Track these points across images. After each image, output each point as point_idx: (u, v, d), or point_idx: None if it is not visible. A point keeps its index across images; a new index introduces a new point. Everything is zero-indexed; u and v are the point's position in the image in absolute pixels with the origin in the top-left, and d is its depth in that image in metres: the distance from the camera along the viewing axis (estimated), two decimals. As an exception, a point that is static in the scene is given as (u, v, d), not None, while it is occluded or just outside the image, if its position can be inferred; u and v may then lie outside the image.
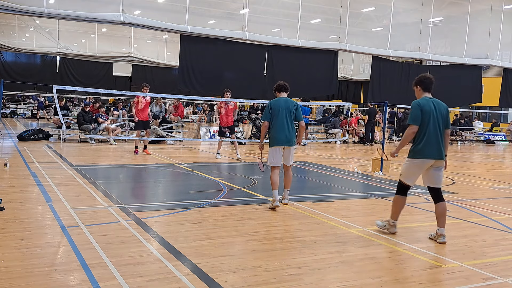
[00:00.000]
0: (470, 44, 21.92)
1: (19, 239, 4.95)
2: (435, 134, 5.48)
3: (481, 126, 27.21)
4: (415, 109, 5.51)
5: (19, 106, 33.96)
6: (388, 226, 5.81)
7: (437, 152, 5.49)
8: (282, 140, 6.94)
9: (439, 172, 5.58)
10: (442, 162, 5.56)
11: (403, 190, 5.71)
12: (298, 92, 20.22)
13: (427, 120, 5.46)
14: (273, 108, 7.01)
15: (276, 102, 7.06)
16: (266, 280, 4.10)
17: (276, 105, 7.01)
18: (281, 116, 6.94)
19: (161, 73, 33.80)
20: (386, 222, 5.84)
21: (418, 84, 5.71)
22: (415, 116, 5.49)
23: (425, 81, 5.66)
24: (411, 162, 5.59)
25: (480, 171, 13.39)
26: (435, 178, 5.58)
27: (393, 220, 5.78)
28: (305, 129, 7.48)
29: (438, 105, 5.58)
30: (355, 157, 15.11)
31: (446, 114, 5.64)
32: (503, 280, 4.35)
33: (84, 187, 7.99)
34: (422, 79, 5.69)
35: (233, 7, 19.62)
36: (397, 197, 5.75)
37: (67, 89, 20.22)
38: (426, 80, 5.66)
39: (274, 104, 7.03)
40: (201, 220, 6.07)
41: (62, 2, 15.17)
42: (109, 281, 3.92)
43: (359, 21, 21.59)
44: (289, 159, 7.11)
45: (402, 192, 5.72)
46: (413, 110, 5.55)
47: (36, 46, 28.31)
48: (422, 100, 5.57)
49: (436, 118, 5.49)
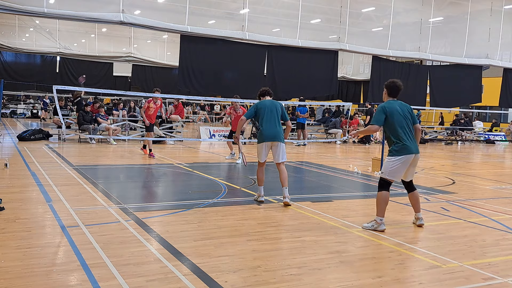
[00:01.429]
0: (470, 44, 21.94)
1: (19, 239, 4.95)
2: (410, 132, 5.94)
3: (481, 126, 27.22)
4: (379, 112, 5.95)
5: (19, 106, 33.96)
6: (376, 225, 5.87)
7: (416, 147, 5.95)
8: (269, 136, 7.19)
9: (414, 167, 6.05)
10: (418, 157, 5.98)
11: (386, 185, 5.93)
12: (298, 92, 20.23)
13: (397, 120, 5.87)
14: (259, 108, 7.32)
15: (263, 103, 7.40)
16: (266, 280, 4.10)
17: (263, 105, 7.34)
18: (268, 115, 7.25)
19: (161, 73, 33.83)
20: (373, 222, 5.93)
21: (385, 88, 6.14)
22: (378, 119, 5.93)
23: (392, 87, 6.07)
24: (396, 160, 5.84)
25: (480, 171, 13.39)
26: (410, 173, 6.05)
27: (380, 217, 5.87)
28: (291, 128, 7.68)
29: (402, 106, 6.04)
30: (355, 157, 15.11)
31: (411, 112, 6.11)
32: (503, 280, 4.35)
33: (84, 187, 7.99)
34: (390, 85, 6.09)
35: (233, 7, 19.62)
36: (381, 193, 5.91)
37: (67, 89, 20.23)
38: (394, 87, 6.06)
39: (261, 104, 7.35)
40: (201, 220, 6.07)
41: (62, 2, 15.18)
42: (109, 281, 3.92)
43: (359, 21, 21.60)
44: (280, 156, 7.25)
45: (385, 187, 5.93)
46: (377, 112, 5.98)
47: (36, 46, 28.33)
48: (387, 103, 6.00)
49: (404, 117, 5.94)
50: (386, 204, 5.93)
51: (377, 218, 5.88)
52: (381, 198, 5.91)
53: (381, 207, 5.87)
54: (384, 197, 5.90)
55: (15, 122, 25.58)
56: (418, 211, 6.15)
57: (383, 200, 5.89)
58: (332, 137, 21.07)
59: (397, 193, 8.62)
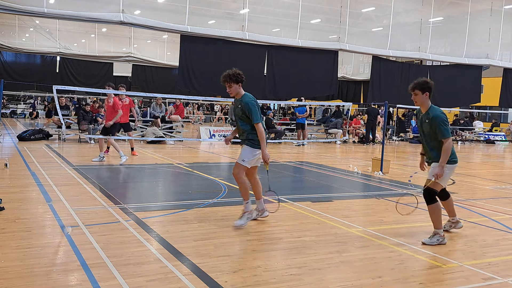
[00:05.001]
0: (470, 44, 21.94)
1: (19, 239, 4.95)
2: None
3: (481, 126, 27.22)
4: (447, 122, 5.38)
5: (19, 106, 33.97)
6: (441, 239, 5.42)
7: None
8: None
9: None
10: None
11: (435, 195, 5.50)
12: (298, 92, 20.24)
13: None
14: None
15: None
16: (266, 280, 4.10)
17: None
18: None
19: (161, 73, 33.83)
20: (438, 236, 5.44)
21: (427, 89, 5.43)
22: (448, 129, 5.39)
23: (432, 88, 5.46)
24: (451, 169, 5.45)
25: (480, 171, 13.39)
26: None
27: (441, 229, 5.48)
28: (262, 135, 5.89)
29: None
30: (355, 157, 15.11)
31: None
32: (503, 280, 4.35)
33: (84, 187, 7.99)
34: (432, 86, 5.46)
35: (233, 7, 19.62)
36: (437, 204, 5.48)
37: (67, 89, 20.24)
38: (432, 87, 5.47)
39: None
40: (201, 220, 6.07)
41: (62, 2, 15.18)
42: (109, 281, 3.92)
43: (359, 21, 21.60)
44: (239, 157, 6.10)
45: (435, 197, 5.50)
46: (445, 123, 5.33)
47: (36, 46, 28.33)
48: (441, 110, 5.44)
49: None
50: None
51: (439, 231, 5.46)
52: (438, 209, 5.47)
53: (440, 218, 5.47)
54: (440, 207, 5.53)
55: (15, 122, 25.57)
56: (454, 215, 5.96)
57: (440, 210, 5.50)
58: (332, 137, 21.07)
59: (397, 193, 8.63)
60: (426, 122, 5.43)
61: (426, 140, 5.55)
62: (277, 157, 14.16)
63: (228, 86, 5.95)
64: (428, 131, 5.44)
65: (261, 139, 5.83)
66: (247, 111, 5.81)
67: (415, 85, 5.48)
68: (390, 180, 10.17)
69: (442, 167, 5.29)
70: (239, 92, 5.98)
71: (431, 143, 5.48)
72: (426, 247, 5.28)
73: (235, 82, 5.90)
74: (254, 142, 5.88)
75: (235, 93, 5.97)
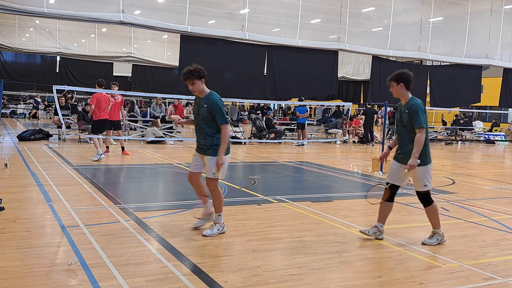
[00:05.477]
0: (470, 44, 21.94)
1: (19, 239, 4.95)
2: None
3: (481, 126, 27.22)
4: (423, 112, 5.23)
5: (19, 106, 33.97)
6: (440, 238, 5.42)
7: None
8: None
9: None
10: None
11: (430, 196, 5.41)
12: (298, 92, 20.24)
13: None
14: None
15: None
16: (266, 280, 4.09)
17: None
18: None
19: (161, 73, 33.83)
20: (437, 235, 5.44)
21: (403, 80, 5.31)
22: (425, 119, 5.23)
23: (410, 80, 5.32)
24: (429, 168, 5.32)
25: (480, 171, 13.39)
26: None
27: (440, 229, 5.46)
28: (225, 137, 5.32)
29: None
30: (355, 157, 15.11)
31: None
32: (503, 280, 4.35)
33: (84, 187, 7.99)
34: (409, 77, 5.32)
35: (233, 7, 19.62)
36: (434, 206, 5.39)
37: (67, 89, 20.24)
38: (411, 78, 5.33)
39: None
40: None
41: (62, 2, 15.18)
42: (109, 281, 3.92)
43: (359, 21, 21.60)
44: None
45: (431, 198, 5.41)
46: (421, 112, 5.21)
47: (36, 46, 28.34)
48: (419, 100, 5.32)
49: None
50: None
51: (438, 230, 5.42)
52: (435, 210, 5.40)
53: (438, 219, 5.43)
54: (437, 207, 5.43)
55: (15, 122, 25.57)
56: (384, 222, 5.60)
57: (437, 211, 5.42)
58: (332, 137, 21.07)
59: (397, 193, 8.61)
60: (406, 113, 5.28)
61: (405, 132, 5.33)
62: (277, 157, 14.16)
63: (191, 84, 5.32)
64: (408, 121, 5.26)
65: (224, 142, 5.24)
66: (214, 111, 5.21)
67: (390, 77, 5.40)
68: (390, 180, 10.15)
69: (415, 158, 5.13)
70: (203, 89, 5.39)
71: (410, 135, 5.26)
72: (426, 247, 5.28)
73: (198, 78, 5.31)
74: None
75: (198, 90, 5.36)
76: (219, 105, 5.27)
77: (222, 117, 5.25)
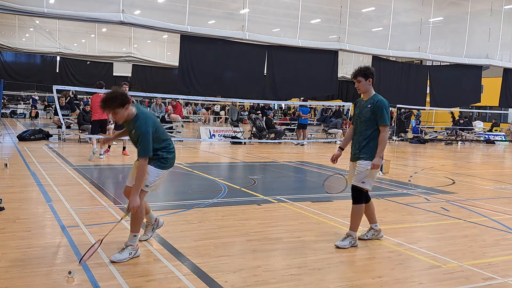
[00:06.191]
0: (470, 44, 21.94)
1: (19, 239, 4.94)
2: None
3: (481, 126, 27.23)
4: (388, 109, 5.14)
5: (19, 106, 33.97)
6: (353, 241, 5.15)
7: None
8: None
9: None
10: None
11: (366, 195, 5.23)
12: (298, 92, 20.25)
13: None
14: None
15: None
16: (266, 280, 4.09)
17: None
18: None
19: (161, 73, 33.83)
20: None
21: (370, 76, 5.34)
22: (389, 117, 5.16)
23: (374, 75, 5.34)
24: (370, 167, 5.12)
25: (480, 171, 13.39)
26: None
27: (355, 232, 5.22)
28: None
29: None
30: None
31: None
32: (503, 280, 4.35)
33: (84, 187, 7.99)
34: (373, 72, 5.34)
35: (233, 7, 19.63)
36: (362, 205, 5.19)
37: (67, 89, 20.24)
38: (374, 72, 5.35)
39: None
40: (201, 220, 6.07)
41: (62, 2, 15.19)
42: (109, 281, 3.92)
43: (359, 21, 21.61)
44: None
45: (362, 200, 5.19)
46: (386, 110, 5.12)
47: (36, 46, 28.32)
48: (382, 97, 5.24)
49: None
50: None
51: (354, 233, 5.18)
52: (361, 212, 5.20)
53: (359, 222, 5.19)
54: (363, 211, 5.22)
55: (15, 122, 25.57)
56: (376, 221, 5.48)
57: (362, 214, 5.21)
58: (332, 137, 21.07)
59: (397, 193, 8.63)
60: (368, 107, 5.15)
61: (361, 128, 5.17)
62: (277, 157, 14.16)
63: (113, 113, 4.51)
64: (369, 117, 5.11)
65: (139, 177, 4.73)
66: (139, 137, 4.50)
67: (357, 72, 5.33)
68: (390, 180, 10.17)
69: (380, 157, 5.01)
70: (129, 114, 4.55)
71: (366, 131, 5.11)
72: (426, 247, 5.27)
73: (121, 106, 4.44)
74: (158, 162, 4.89)
75: (123, 118, 4.55)
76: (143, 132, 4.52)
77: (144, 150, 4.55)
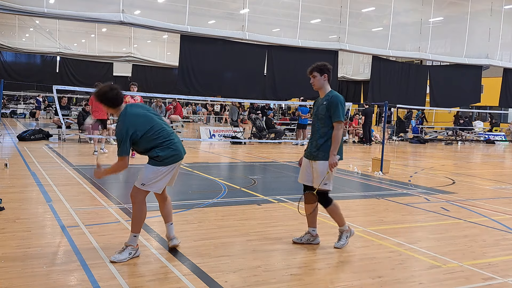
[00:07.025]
0: (470, 44, 21.94)
1: (19, 239, 4.94)
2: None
3: (481, 126, 27.22)
4: (344, 106, 5.02)
5: (19, 106, 33.97)
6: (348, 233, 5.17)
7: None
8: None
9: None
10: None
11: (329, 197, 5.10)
12: (298, 92, 20.24)
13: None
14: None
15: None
16: (266, 280, 4.09)
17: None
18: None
19: (161, 73, 33.83)
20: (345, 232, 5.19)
21: (327, 72, 5.20)
22: (344, 112, 5.05)
23: (331, 71, 5.23)
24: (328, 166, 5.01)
25: (480, 171, 13.39)
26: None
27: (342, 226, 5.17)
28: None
29: None
30: (355, 157, 15.10)
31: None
32: (503, 280, 4.35)
33: (84, 187, 7.99)
34: (330, 68, 5.22)
35: (233, 7, 19.62)
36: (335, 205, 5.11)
37: (67, 89, 20.24)
38: (331, 69, 5.24)
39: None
40: (201, 220, 6.07)
41: (62, 2, 15.19)
42: (109, 281, 3.92)
43: (359, 21, 21.61)
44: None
45: (329, 199, 5.10)
46: (342, 107, 4.99)
47: (36, 46, 28.32)
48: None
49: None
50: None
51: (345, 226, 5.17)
52: (337, 208, 5.11)
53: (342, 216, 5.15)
54: (338, 205, 5.14)
55: (15, 122, 25.56)
56: (315, 226, 5.29)
57: (339, 208, 5.14)
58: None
59: (397, 193, 8.63)
60: (324, 104, 5.04)
61: (318, 126, 5.07)
62: (277, 157, 14.16)
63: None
64: (324, 114, 5.00)
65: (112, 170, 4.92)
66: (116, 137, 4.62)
67: (313, 68, 5.23)
68: (390, 180, 10.17)
69: (334, 155, 4.91)
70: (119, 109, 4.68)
71: (323, 129, 5.01)
72: (426, 247, 5.27)
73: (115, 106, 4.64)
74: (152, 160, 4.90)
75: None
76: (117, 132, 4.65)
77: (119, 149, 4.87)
